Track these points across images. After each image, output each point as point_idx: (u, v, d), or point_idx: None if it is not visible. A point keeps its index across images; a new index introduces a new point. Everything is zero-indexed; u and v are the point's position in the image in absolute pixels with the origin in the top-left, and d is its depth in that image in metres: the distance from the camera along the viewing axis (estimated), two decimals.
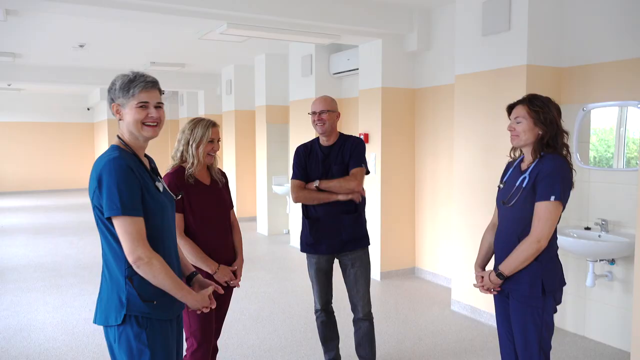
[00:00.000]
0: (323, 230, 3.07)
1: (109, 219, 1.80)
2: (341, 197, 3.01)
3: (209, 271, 2.64)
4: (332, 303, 3.31)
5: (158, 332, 1.88)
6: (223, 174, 2.87)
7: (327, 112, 3.07)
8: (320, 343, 3.45)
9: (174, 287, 1.87)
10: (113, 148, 1.90)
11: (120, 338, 1.84)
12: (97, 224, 1.88)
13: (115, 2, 4.21)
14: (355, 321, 3.21)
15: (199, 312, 2.04)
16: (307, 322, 4.38)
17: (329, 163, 3.08)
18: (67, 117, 15.30)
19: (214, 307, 2.04)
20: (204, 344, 2.66)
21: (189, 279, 2.14)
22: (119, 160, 1.80)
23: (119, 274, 1.84)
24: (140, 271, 1.81)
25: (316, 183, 3.05)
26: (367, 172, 3.13)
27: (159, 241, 1.91)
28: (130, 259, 1.79)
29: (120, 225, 1.78)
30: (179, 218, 2.58)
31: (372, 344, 3.21)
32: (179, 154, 2.71)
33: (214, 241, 2.69)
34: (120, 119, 1.91)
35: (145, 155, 2.04)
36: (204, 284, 2.12)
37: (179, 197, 2.46)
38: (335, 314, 3.38)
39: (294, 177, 3.15)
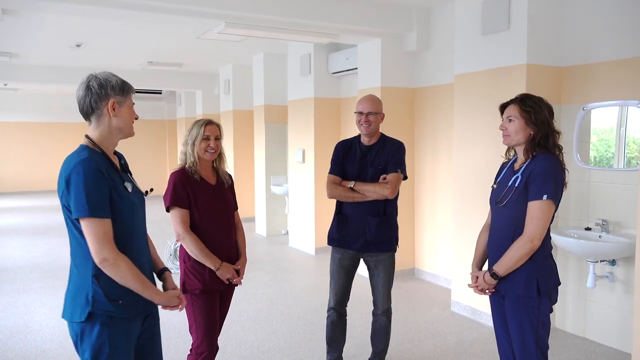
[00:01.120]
0: (349, 228, 3.16)
1: (77, 220, 1.85)
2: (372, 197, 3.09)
3: (212, 267, 2.71)
4: (347, 306, 3.35)
5: (121, 331, 1.92)
6: (229, 176, 2.96)
7: (374, 114, 3.13)
8: (322, 343, 3.46)
9: (140, 287, 1.92)
10: (82, 148, 1.95)
11: (83, 335, 1.89)
12: (66, 223, 1.93)
13: (113, 2, 4.21)
14: (374, 314, 3.31)
15: (167, 309, 2.10)
16: (306, 324, 4.39)
17: (365, 163, 3.15)
18: (64, 117, 15.27)
19: (182, 306, 2.12)
20: (209, 341, 2.73)
21: (159, 274, 2.19)
22: (88, 162, 1.85)
23: (86, 272, 1.90)
24: (106, 272, 1.86)
25: (351, 184, 3.12)
26: (405, 178, 3.18)
27: (129, 241, 1.95)
28: (96, 260, 1.84)
29: (87, 226, 1.83)
30: (185, 214, 2.68)
31: (386, 337, 3.31)
32: (181, 155, 2.81)
33: (218, 239, 2.76)
34: (114, 116, 1.96)
35: (115, 153, 2.10)
36: (172, 283, 2.18)
37: (150, 191, 2.53)
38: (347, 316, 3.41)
39: (331, 172, 3.23)
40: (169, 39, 6.94)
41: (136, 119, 2.05)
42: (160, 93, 13.10)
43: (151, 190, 2.29)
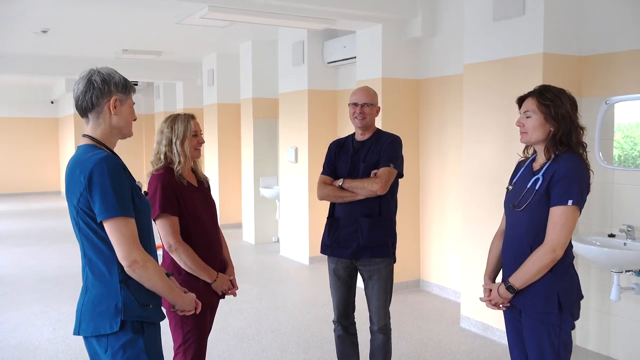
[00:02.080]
0: (341, 232, 3.18)
1: (101, 222, 1.91)
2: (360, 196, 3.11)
3: (208, 280, 2.72)
4: (353, 318, 3.35)
5: (153, 337, 2.03)
6: (205, 175, 2.98)
7: (370, 105, 3.18)
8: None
9: (167, 289, 2.05)
10: (91, 147, 2.00)
11: (113, 347, 1.95)
12: (80, 228, 1.97)
13: None
14: (371, 331, 3.30)
15: (182, 313, 2.25)
16: (299, 342, 4.38)
17: (357, 159, 3.20)
18: (27, 112, 15.18)
19: (199, 310, 2.26)
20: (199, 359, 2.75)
21: None
22: (111, 160, 1.93)
23: (110, 279, 1.96)
24: (134, 275, 1.94)
25: (340, 182, 3.17)
26: (401, 175, 3.20)
27: (146, 241, 2.05)
28: (125, 263, 1.91)
29: (115, 227, 1.90)
30: (176, 222, 2.67)
31: (385, 358, 3.28)
32: (162, 156, 2.76)
33: (210, 247, 2.79)
34: (115, 114, 2.03)
35: None
36: (180, 286, 2.29)
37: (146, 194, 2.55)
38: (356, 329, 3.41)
39: (322, 172, 3.31)
40: (146, 24, 6.91)
41: (134, 119, 2.12)
42: (137, 84, 13.07)
43: (146, 193, 2.30)
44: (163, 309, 2.16)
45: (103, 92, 2.00)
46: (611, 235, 3.84)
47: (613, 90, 3.91)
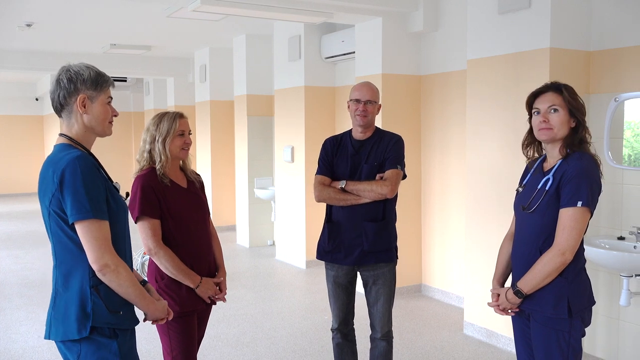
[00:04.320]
0: (342, 237, 3.15)
1: (73, 224, 1.92)
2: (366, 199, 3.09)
3: (191, 285, 2.72)
4: (353, 324, 3.36)
5: (126, 342, 2.05)
6: (198, 175, 2.99)
7: (373, 103, 3.16)
8: None
9: (138, 296, 2.05)
10: (66, 147, 2.02)
11: (85, 352, 1.97)
12: (52, 230, 1.99)
13: None
14: (372, 339, 3.28)
15: (153, 324, 2.25)
16: (296, 349, 4.39)
17: (358, 159, 3.17)
18: (11, 109, 15.14)
19: (170, 318, 2.26)
20: None
21: None
22: (84, 159, 1.94)
23: (82, 283, 1.97)
24: (105, 279, 1.96)
25: (342, 184, 3.12)
26: (404, 176, 3.19)
27: (121, 246, 2.08)
28: (95, 267, 1.93)
29: (87, 230, 1.91)
30: (157, 225, 2.68)
31: None
32: (146, 154, 2.77)
33: (196, 252, 2.78)
34: (84, 113, 2.04)
35: None
36: (156, 294, 2.30)
37: (127, 196, 2.58)
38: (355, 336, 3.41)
39: (318, 172, 3.25)
40: (135, 17, 6.91)
41: (115, 115, 2.13)
42: (125, 81, 13.06)
43: (127, 194, 2.32)
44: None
45: (70, 91, 2.02)
46: (620, 238, 3.86)
47: (623, 87, 3.93)
